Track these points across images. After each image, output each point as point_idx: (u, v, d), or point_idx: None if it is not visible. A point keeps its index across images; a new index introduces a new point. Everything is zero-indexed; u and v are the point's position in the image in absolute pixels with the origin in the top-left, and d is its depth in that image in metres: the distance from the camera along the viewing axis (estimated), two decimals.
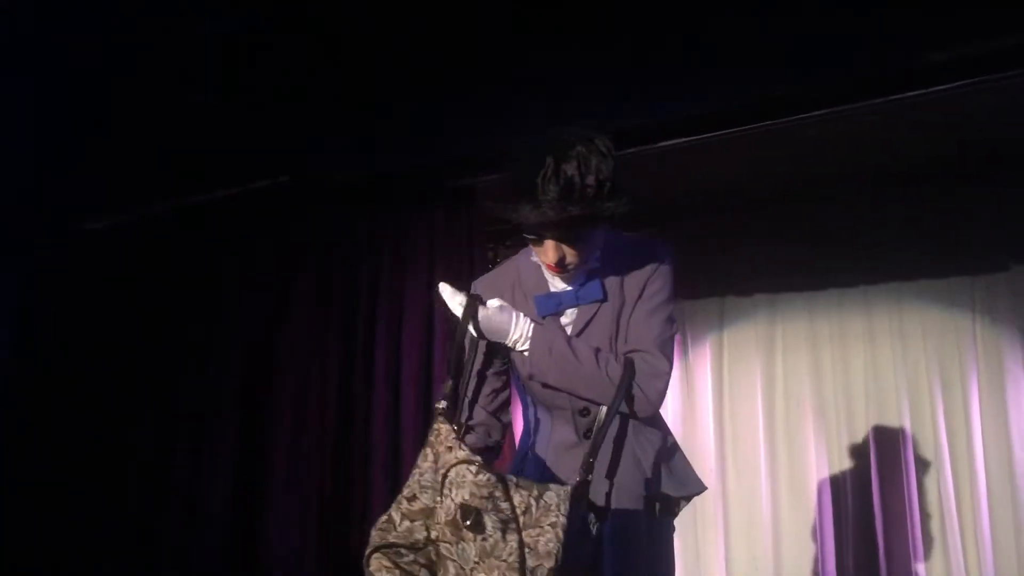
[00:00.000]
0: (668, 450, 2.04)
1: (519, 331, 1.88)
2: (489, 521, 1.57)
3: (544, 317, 1.95)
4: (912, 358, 4.32)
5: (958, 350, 4.25)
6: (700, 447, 4.56)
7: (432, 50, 3.62)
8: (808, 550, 4.32)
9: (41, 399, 4.31)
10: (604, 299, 1.94)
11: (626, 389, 1.82)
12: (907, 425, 4.27)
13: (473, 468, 1.61)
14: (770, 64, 3.21)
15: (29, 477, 4.18)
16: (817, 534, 4.30)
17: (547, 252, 1.87)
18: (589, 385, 1.87)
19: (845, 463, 4.36)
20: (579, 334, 1.94)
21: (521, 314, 1.91)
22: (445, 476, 1.61)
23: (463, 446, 1.67)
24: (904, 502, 4.18)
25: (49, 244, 4.57)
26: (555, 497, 1.61)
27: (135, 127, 4.14)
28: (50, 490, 4.16)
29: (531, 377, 1.92)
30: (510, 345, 1.90)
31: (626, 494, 1.91)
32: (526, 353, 1.89)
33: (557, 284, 1.98)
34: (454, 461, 1.63)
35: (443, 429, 1.70)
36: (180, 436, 4.15)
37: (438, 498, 1.62)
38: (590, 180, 1.77)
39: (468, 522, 1.56)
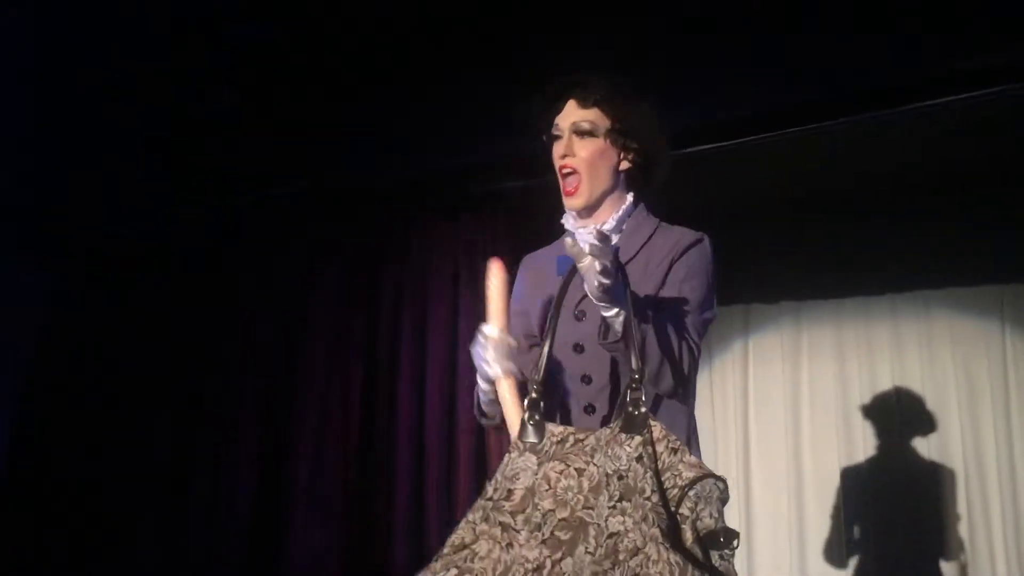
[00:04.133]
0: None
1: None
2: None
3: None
4: (940, 367, 4.28)
5: (987, 359, 4.20)
6: (725, 455, 4.53)
7: (456, 56, 3.64)
8: (833, 559, 4.28)
9: (63, 407, 4.35)
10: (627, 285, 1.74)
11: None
12: (935, 434, 4.22)
13: (721, 484, 1.40)
14: (794, 72, 3.20)
15: (52, 484, 4.23)
16: (842, 544, 4.26)
17: (558, 147, 1.88)
18: (660, 347, 1.63)
19: (871, 473, 4.31)
20: None
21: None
22: (687, 487, 1.38)
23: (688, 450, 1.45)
24: (932, 512, 4.14)
25: (71, 251, 4.62)
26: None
27: (157, 135, 4.18)
28: (73, 496, 4.20)
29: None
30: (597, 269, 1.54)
31: None
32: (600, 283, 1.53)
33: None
34: (699, 472, 1.40)
35: (658, 427, 1.45)
36: (203, 442, 4.17)
37: (683, 511, 1.37)
38: (632, 102, 1.86)
39: (730, 544, 1.37)
